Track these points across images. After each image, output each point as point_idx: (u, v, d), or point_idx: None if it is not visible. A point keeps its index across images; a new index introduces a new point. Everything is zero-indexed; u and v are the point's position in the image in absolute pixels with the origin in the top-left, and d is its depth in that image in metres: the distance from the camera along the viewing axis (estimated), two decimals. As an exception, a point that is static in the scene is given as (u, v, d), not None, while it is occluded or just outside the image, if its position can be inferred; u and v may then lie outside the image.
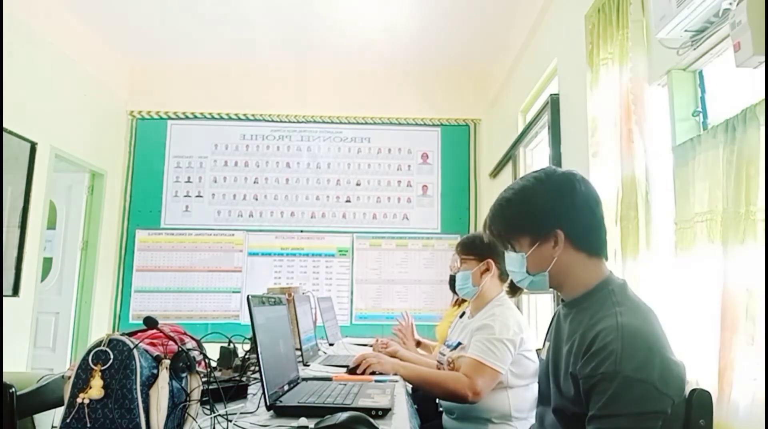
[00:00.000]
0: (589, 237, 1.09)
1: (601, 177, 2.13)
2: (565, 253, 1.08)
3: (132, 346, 0.86)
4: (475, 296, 1.88)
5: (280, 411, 1.20)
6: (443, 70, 4.83)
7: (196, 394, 0.93)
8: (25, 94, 3.45)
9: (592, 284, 1.09)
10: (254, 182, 4.75)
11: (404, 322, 2.62)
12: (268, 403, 1.19)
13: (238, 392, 1.38)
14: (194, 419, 0.92)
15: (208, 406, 1.04)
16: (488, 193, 4.65)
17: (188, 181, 4.73)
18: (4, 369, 2.29)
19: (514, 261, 1.14)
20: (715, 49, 1.66)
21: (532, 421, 1.62)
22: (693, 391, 0.99)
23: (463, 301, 2.42)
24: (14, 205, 3.38)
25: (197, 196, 4.72)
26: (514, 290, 1.89)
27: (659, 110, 1.92)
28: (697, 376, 1.48)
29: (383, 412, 1.20)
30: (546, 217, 1.09)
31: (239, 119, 4.82)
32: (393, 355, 2.07)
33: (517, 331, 1.68)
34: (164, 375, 0.87)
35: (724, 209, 1.42)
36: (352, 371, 1.74)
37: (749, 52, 1.26)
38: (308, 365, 2.04)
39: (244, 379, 1.51)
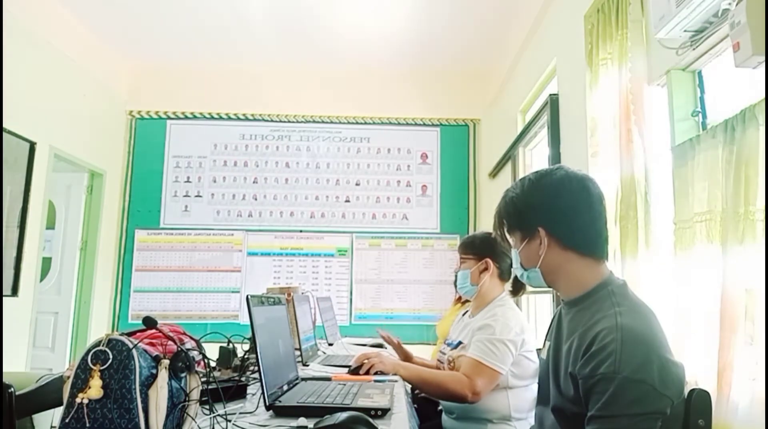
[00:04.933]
0: (576, 237, 1.10)
1: (601, 177, 2.13)
2: (552, 251, 1.11)
3: (131, 346, 0.85)
4: (476, 295, 1.88)
5: (279, 411, 1.20)
6: (443, 70, 4.83)
7: (195, 394, 0.93)
8: (25, 93, 3.45)
9: (590, 284, 1.09)
10: (253, 182, 4.75)
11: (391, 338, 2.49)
12: (267, 403, 1.19)
13: (238, 392, 1.38)
14: (193, 419, 0.92)
15: (207, 406, 1.04)
16: (487, 193, 4.65)
17: (187, 181, 4.73)
18: (4, 369, 2.29)
19: (514, 255, 1.22)
20: (715, 49, 1.66)
21: (532, 421, 1.62)
22: (692, 391, 0.99)
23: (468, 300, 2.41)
24: (13, 204, 3.37)
25: (196, 196, 4.71)
26: (516, 290, 1.89)
27: (658, 110, 1.92)
28: (697, 376, 1.48)
29: (382, 412, 1.20)
30: (529, 216, 1.14)
31: (238, 119, 4.82)
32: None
33: (518, 331, 1.68)
34: (163, 375, 0.87)
35: (723, 209, 1.42)
36: (354, 372, 1.74)
37: (748, 52, 1.26)
38: (307, 365, 2.04)
39: (243, 379, 1.51)
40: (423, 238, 4.72)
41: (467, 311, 2.03)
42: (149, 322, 0.94)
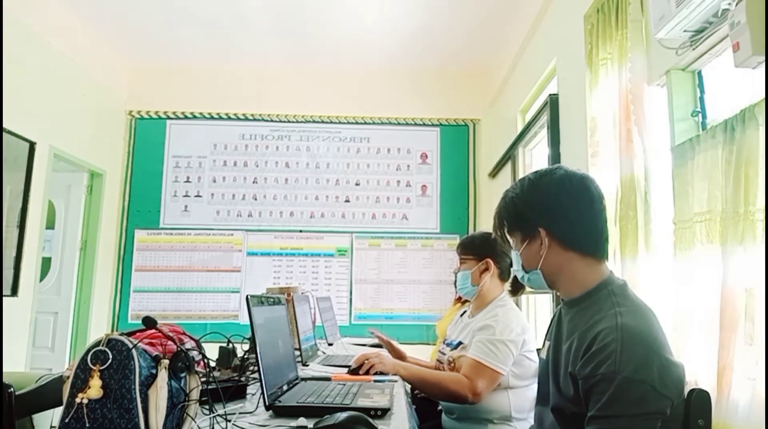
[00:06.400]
0: (577, 236, 1.10)
1: (600, 177, 2.13)
2: (553, 251, 1.11)
3: (131, 346, 0.85)
4: (476, 295, 1.88)
5: (279, 411, 1.20)
6: (443, 70, 4.84)
7: (195, 394, 0.93)
8: (24, 93, 3.45)
9: (590, 284, 1.09)
10: (253, 182, 4.75)
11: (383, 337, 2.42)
12: (267, 403, 1.19)
13: (237, 392, 1.38)
14: (193, 419, 0.92)
15: (206, 406, 1.04)
16: (487, 193, 4.65)
17: (187, 181, 4.73)
18: (3, 369, 2.29)
19: (514, 257, 1.20)
20: (714, 49, 1.66)
21: (532, 421, 1.62)
22: (692, 391, 0.99)
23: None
24: (13, 204, 3.37)
25: (196, 196, 4.71)
26: (515, 290, 1.89)
27: (658, 110, 1.92)
28: (696, 376, 1.48)
29: (382, 412, 1.19)
30: (529, 216, 1.14)
31: (238, 119, 4.82)
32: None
33: (519, 332, 1.68)
34: (163, 375, 0.87)
35: (723, 209, 1.42)
36: (354, 372, 1.73)
37: (748, 52, 1.26)
38: (307, 365, 2.04)
39: (243, 379, 1.51)
40: (423, 238, 4.72)
41: (465, 311, 2.02)
42: (149, 322, 0.94)
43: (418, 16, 3.91)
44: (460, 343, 1.82)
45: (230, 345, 1.64)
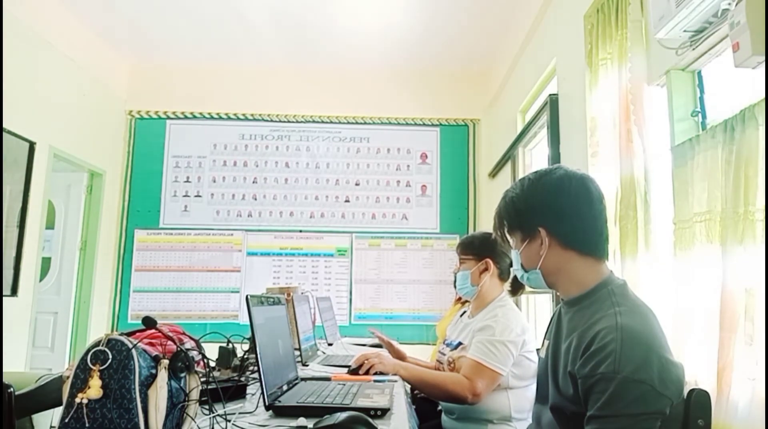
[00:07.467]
0: (576, 236, 1.10)
1: (600, 177, 2.12)
2: (553, 251, 1.11)
3: (131, 346, 0.85)
4: (475, 296, 1.88)
5: (278, 411, 1.20)
6: (442, 70, 4.84)
7: (194, 394, 0.93)
8: (24, 93, 3.45)
9: (590, 284, 1.09)
10: (253, 182, 4.75)
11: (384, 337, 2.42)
12: (266, 403, 1.19)
13: (237, 392, 1.38)
14: (193, 419, 0.92)
15: (206, 406, 1.04)
16: (487, 193, 4.65)
17: (187, 181, 4.73)
18: (3, 369, 2.29)
19: (514, 256, 1.21)
20: (714, 49, 1.66)
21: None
22: (692, 390, 0.99)
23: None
24: (13, 204, 3.37)
25: (196, 196, 4.71)
26: (515, 290, 1.89)
27: (658, 110, 1.92)
28: (696, 376, 1.48)
29: (382, 412, 1.20)
30: (529, 216, 1.14)
31: (238, 119, 4.82)
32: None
33: (519, 332, 1.68)
34: (163, 375, 0.87)
35: (723, 209, 1.42)
36: (354, 372, 1.73)
37: (748, 52, 1.26)
38: (307, 365, 2.04)
39: (242, 379, 1.51)
40: (423, 238, 4.72)
41: (465, 311, 2.02)
42: (149, 322, 0.94)
43: (418, 16, 3.91)
44: (460, 343, 1.82)
45: (230, 345, 1.64)
